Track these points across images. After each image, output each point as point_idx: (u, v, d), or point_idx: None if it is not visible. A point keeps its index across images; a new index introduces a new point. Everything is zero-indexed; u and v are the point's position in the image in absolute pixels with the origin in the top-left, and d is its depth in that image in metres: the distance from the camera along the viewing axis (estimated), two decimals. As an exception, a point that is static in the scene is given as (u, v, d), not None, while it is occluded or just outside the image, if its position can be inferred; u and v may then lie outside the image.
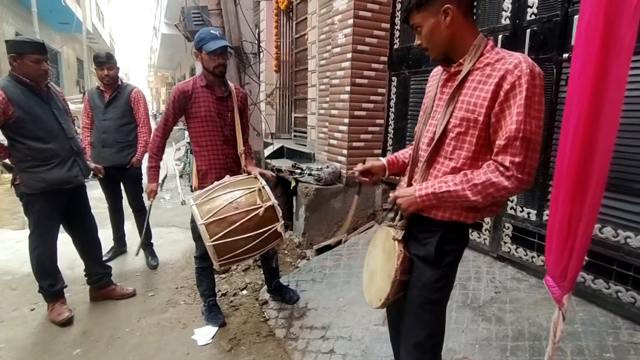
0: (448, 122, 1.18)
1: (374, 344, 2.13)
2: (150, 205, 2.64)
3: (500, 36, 2.32)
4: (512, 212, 2.37)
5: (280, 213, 2.12)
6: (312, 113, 4.78)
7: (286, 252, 3.49)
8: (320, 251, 3.38)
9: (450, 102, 1.18)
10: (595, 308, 1.95)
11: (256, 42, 3.25)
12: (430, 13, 1.15)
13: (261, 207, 2.06)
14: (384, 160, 1.48)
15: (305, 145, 5.07)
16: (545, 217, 2.17)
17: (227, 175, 2.25)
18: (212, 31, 2.27)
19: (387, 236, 1.37)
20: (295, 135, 6.00)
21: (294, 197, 3.70)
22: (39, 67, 2.25)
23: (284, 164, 4.39)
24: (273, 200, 2.11)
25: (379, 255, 1.41)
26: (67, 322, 2.43)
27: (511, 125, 1.05)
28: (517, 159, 1.04)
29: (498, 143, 1.08)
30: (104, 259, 3.30)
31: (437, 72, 1.35)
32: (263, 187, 2.14)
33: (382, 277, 1.35)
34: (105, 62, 3.06)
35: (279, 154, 5.51)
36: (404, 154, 1.50)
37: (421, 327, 1.26)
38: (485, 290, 2.28)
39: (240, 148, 2.42)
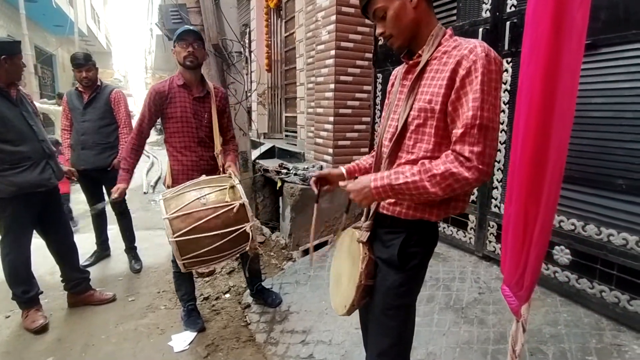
0: (408, 115, 1.12)
1: (354, 349, 2.07)
2: (109, 202, 2.36)
3: (480, 29, 2.25)
4: (496, 210, 2.30)
5: (251, 213, 2.04)
6: (301, 112, 4.72)
7: (272, 253, 3.43)
8: (306, 252, 3.32)
9: (410, 94, 1.12)
10: (580, 308, 1.88)
11: (237, 40, 3.18)
12: None
13: (230, 205, 1.97)
14: (343, 169, 1.42)
15: (296, 145, 5.01)
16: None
17: (203, 175, 2.19)
18: (186, 26, 2.22)
19: (352, 239, 1.31)
20: (286, 135, 5.94)
21: (280, 198, 3.64)
22: (21, 65, 2.28)
23: (273, 164, 4.32)
24: (244, 199, 2.02)
25: (344, 259, 1.35)
26: (42, 330, 2.36)
27: (468, 112, 0.98)
28: (476, 149, 0.97)
29: (455, 132, 1.02)
30: (87, 263, 3.26)
31: (397, 72, 1.31)
32: (235, 185, 2.07)
33: (347, 282, 1.28)
34: (83, 63, 3.00)
35: (270, 154, 5.44)
36: (366, 159, 1.45)
37: (385, 335, 1.20)
38: (469, 291, 2.22)
39: (218, 149, 2.35)
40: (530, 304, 1.05)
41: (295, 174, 3.50)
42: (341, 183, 1.19)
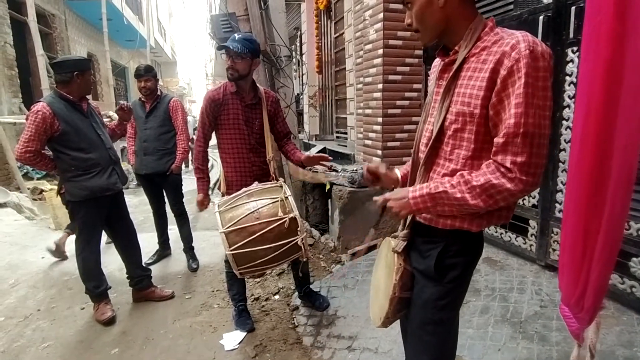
0: (445, 118, 1.03)
1: (400, 358, 1.99)
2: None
3: (541, 17, 2.05)
4: (560, 215, 2.09)
5: (301, 226, 2.06)
6: (350, 113, 4.68)
7: (321, 256, 3.43)
8: (355, 255, 3.28)
9: (446, 96, 1.04)
10: (663, 330, 1.64)
11: (285, 44, 3.22)
12: None
13: (282, 219, 2.01)
14: (398, 174, 1.29)
15: (346, 146, 4.98)
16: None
17: (255, 182, 2.23)
18: (235, 34, 2.25)
19: (388, 248, 1.25)
20: (337, 137, 5.93)
21: (329, 200, 3.63)
22: (91, 80, 2.54)
23: (323, 166, 4.32)
24: (295, 213, 2.05)
25: (381, 269, 1.30)
26: (110, 322, 2.58)
27: (510, 120, 0.89)
28: (519, 159, 0.88)
29: (496, 141, 0.93)
30: (149, 261, 3.50)
31: (437, 63, 1.19)
32: (286, 198, 2.09)
33: (383, 293, 1.23)
34: (143, 74, 3.22)
35: (320, 155, 5.45)
36: None
37: (422, 352, 1.13)
38: (529, 303, 2.04)
39: (269, 155, 2.38)
40: (599, 326, 0.91)
41: (344, 176, 3.47)
42: (376, 198, 1.13)
